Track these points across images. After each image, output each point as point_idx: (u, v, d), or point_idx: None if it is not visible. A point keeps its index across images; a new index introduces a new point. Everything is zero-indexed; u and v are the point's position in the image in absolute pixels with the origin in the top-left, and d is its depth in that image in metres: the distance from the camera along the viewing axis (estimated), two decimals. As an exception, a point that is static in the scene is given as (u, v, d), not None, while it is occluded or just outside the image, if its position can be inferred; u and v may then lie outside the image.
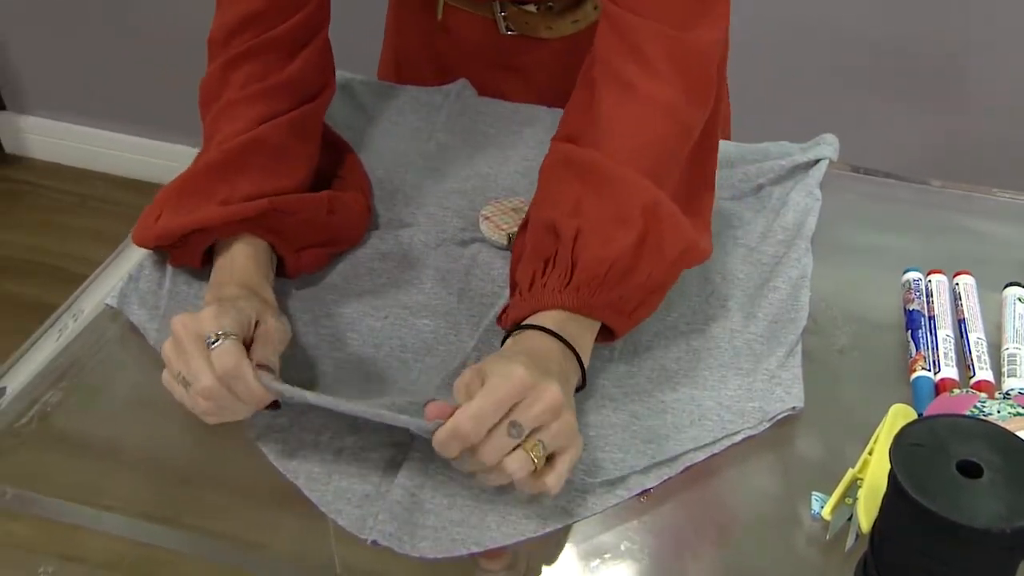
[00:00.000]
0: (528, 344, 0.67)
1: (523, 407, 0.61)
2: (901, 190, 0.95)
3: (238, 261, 0.76)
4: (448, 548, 0.63)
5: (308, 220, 0.79)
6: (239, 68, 0.81)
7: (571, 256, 0.69)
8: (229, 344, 0.64)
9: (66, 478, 0.70)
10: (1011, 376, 0.74)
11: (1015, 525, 0.52)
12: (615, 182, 0.71)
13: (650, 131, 0.73)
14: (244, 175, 0.78)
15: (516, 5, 0.97)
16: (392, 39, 1.10)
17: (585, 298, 0.68)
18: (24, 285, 2.05)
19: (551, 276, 0.70)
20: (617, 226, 0.70)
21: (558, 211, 0.71)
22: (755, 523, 0.67)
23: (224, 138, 0.79)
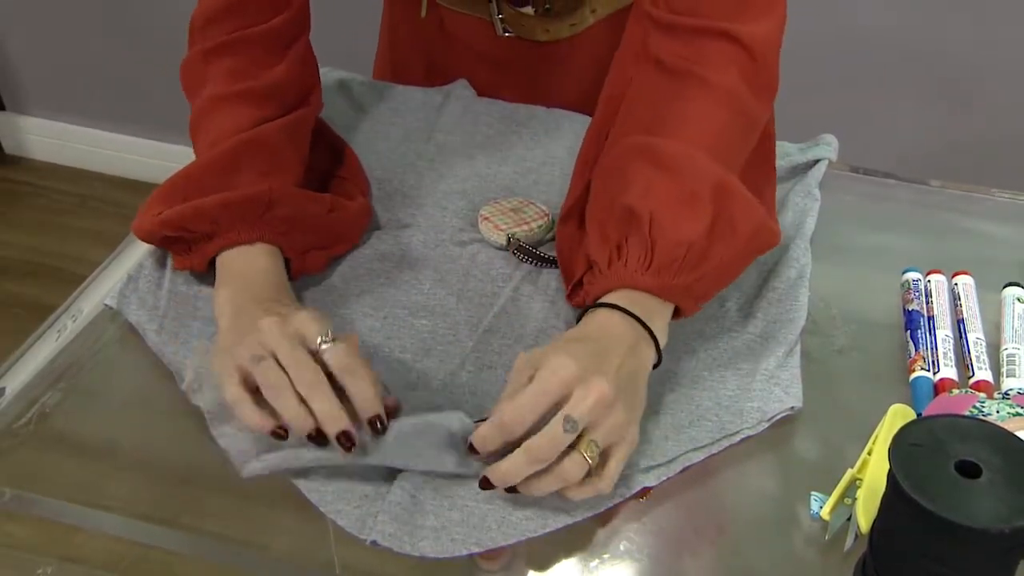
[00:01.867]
0: (599, 326, 0.68)
1: (574, 402, 0.61)
2: (900, 190, 0.95)
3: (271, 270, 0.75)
4: (448, 548, 0.63)
5: (310, 218, 0.79)
6: (221, 59, 0.82)
7: (649, 238, 0.69)
8: (341, 345, 0.65)
9: (65, 479, 0.69)
10: (1010, 376, 0.74)
11: (1014, 525, 0.52)
12: (684, 165, 0.72)
13: (714, 119, 0.74)
14: (242, 174, 0.78)
15: (513, 7, 0.97)
16: (387, 40, 1.10)
17: (666, 280, 0.69)
18: (23, 285, 2.05)
19: (631, 256, 0.70)
20: (690, 208, 0.70)
21: (630, 194, 0.71)
22: (754, 523, 0.67)
23: (217, 137, 0.79)
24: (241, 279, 0.75)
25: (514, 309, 0.79)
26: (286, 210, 0.77)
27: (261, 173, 0.79)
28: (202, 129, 0.81)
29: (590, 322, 0.69)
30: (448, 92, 1.01)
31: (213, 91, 0.81)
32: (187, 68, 0.85)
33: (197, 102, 0.83)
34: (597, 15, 0.98)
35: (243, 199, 0.76)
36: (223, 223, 0.76)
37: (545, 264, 0.83)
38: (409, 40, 1.06)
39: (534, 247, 0.83)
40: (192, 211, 0.76)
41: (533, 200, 0.88)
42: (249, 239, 0.76)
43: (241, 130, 0.79)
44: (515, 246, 0.83)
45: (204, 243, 0.77)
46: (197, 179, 0.78)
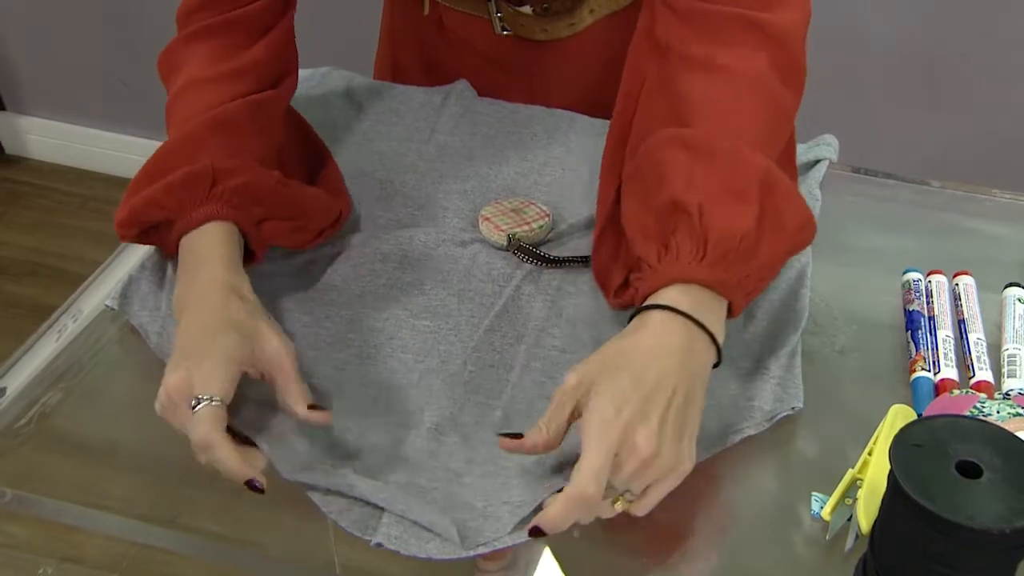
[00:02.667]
0: (652, 334, 0.64)
1: (618, 465, 0.60)
2: (901, 191, 0.95)
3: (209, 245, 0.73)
4: (456, 549, 0.63)
5: (262, 188, 0.77)
6: (201, 43, 0.82)
7: (700, 228, 0.67)
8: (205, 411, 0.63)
9: (65, 479, 0.69)
10: (1011, 377, 0.74)
11: (1014, 525, 0.52)
12: (724, 154, 0.69)
13: (745, 107, 0.72)
14: (202, 152, 0.76)
15: (511, 6, 0.97)
16: (387, 40, 1.10)
17: (721, 273, 0.66)
18: (23, 286, 2.05)
19: (682, 249, 0.67)
20: (737, 200, 0.68)
21: (671, 187, 0.69)
22: (755, 523, 0.67)
23: (185, 118, 0.79)
24: (188, 270, 0.73)
25: (515, 309, 0.79)
26: (234, 181, 0.75)
27: (224, 151, 0.77)
28: (174, 113, 0.81)
29: (642, 328, 0.65)
30: (448, 92, 1.01)
31: (189, 75, 0.81)
32: (164, 55, 0.84)
33: (172, 88, 0.82)
34: (596, 15, 0.98)
35: (185, 179, 0.74)
36: (172, 207, 0.74)
37: (546, 264, 0.83)
38: (409, 39, 1.06)
39: (535, 247, 0.83)
40: (143, 202, 0.75)
41: (534, 200, 0.88)
42: (199, 219, 0.74)
43: (210, 109, 0.78)
44: (516, 246, 0.83)
45: (167, 231, 0.76)
46: (162, 164, 0.77)
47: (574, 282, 0.82)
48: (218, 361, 0.65)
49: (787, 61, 0.74)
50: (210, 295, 0.70)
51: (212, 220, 0.74)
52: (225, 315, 0.68)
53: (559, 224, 0.87)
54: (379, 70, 1.11)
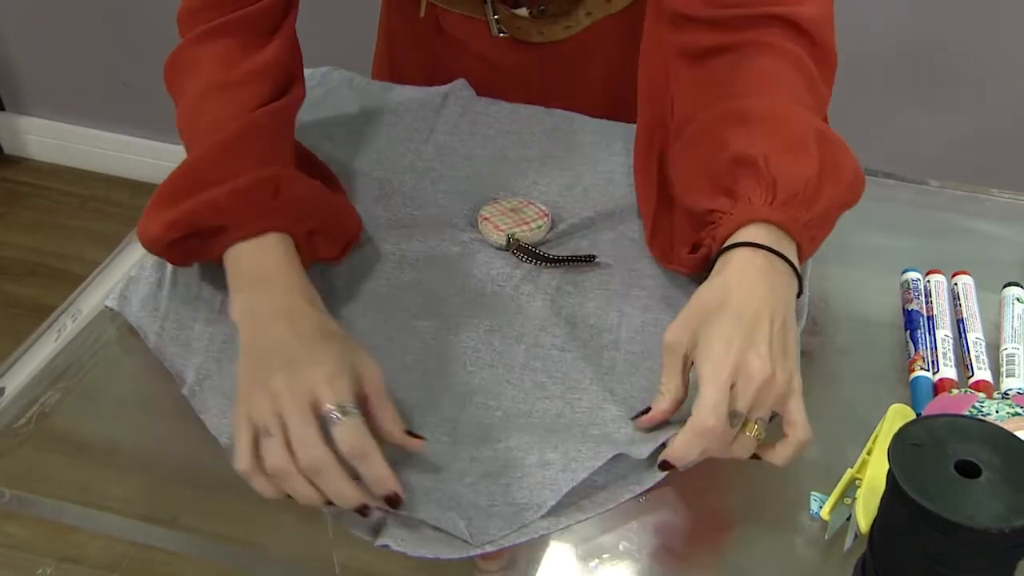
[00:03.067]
0: (738, 269, 0.68)
1: (735, 395, 0.63)
2: (900, 190, 0.95)
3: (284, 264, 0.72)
4: (462, 549, 0.63)
5: (313, 198, 0.77)
6: (210, 43, 0.81)
7: (768, 175, 0.71)
8: (354, 422, 0.62)
9: (64, 479, 0.70)
10: (1009, 376, 0.74)
11: (1013, 525, 0.52)
12: (780, 115, 0.74)
13: (788, 77, 0.77)
14: (242, 162, 0.75)
15: (508, 8, 0.97)
16: (385, 41, 1.10)
17: (791, 213, 0.70)
18: (23, 286, 2.05)
19: (753, 194, 0.71)
20: (798, 150, 0.72)
21: (733, 146, 0.73)
22: (754, 523, 0.67)
23: (213, 126, 0.77)
24: (256, 281, 0.71)
25: (514, 309, 0.79)
26: (292, 193, 0.75)
27: (261, 159, 0.76)
28: (198, 121, 0.79)
29: (727, 267, 0.69)
30: (447, 92, 1.01)
31: (206, 79, 0.79)
32: (172, 60, 0.83)
33: (187, 94, 0.81)
34: (592, 17, 0.98)
35: (251, 186, 0.73)
36: (233, 214, 0.72)
37: (545, 263, 0.83)
38: (407, 40, 1.06)
39: (534, 247, 0.83)
40: (201, 206, 0.72)
41: (533, 200, 0.88)
42: (261, 229, 0.72)
43: (238, 116, 0.77)
44: (515, 246, 0.83)
45: (214, 238, 0.73)
46: (198, 173, 0.75)
47: (573, 281, 0.82)
48: (339, 367, 0.64)
49: (819, 51, 0.79)
50: (297, 306, 0.69)
51: (274, 232, 0.73)
52: (321, 325, 0.68)
53: (558, 224, 0.87)
54: (377, 72, 1.11)
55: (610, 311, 0.79)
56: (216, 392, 0.72)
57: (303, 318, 0.68)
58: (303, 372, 0.63)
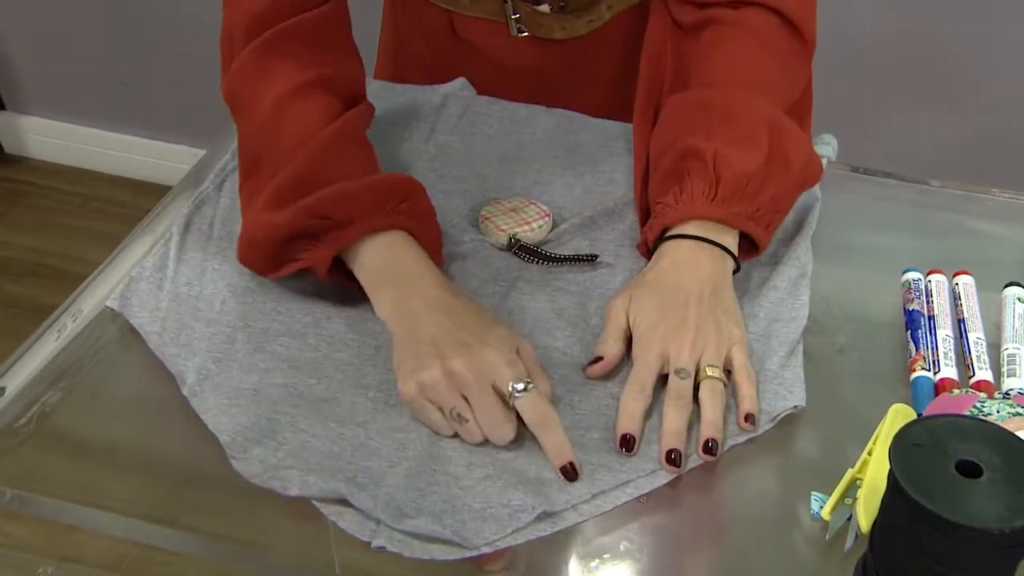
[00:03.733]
0: (668, 262, 0.75)
1: (673, 357, 0.70)
2: (901, 190, 0.95)
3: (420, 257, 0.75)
4: (458, 551, 0.63)
5: (428, 213, 0.79)
6: (280, 47, 0.80)
7: (714, 173, 0.76)
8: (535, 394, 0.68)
9: (65, 479, 0.70)
10: (1010, 376, 0.74)
11: (1014, 525, 0.52)
12: (736, 106, 0.79)
13: (757, 59, 0.82)
14: (353, 163, 0.78)
15: (529, 5, 0.97)
16: (391, 45, 1.09)
17: (729, 208, 0.75)
18: (24, 285, 2.06)
19: (695, 190, 0.76)
20: (748, 144, 0.77)
21: (692, 138, 0.78)
22: (754, 523, 0.67)
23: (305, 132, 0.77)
24: (399, 277, 0.74)
25: (515, 308, 0.79)
26: (419, 203, 0.78)
27: (365, 164, 0.79)
28: (281, 129, 0.79)
29: (659, 256, 0.76)
30: (448, 92, 1.01)
31: (283, 85, 0.79)
32: (239, 73, 0.81)
33: (263, 102, 0.79)
34: (613, 10, 0.98)
35: (384, 183, 0.75)
36: (366, 207, 0.74)
37: (546, 263, 0.83)
38: (419, 45, 1.05)
39: (535, 247, 0.83)
40: (329, 197, 0.73)
41: (534, 200, 0.88)
42: (393, 224, 0.75)
43: (326, 121, 0.78)
44: (516, 246, 0.83)
45: (338, 231, 0.74)
46: (309, 175, 0.75)
47: (575, 282, 0.82)
48: (510, 349, 0.69)
49: (799, 33, 0.84)
50: (451, 300, 0.73)
51: (403, 230, 0.76)
52: (479, 313, 0.73)
53: (559, 223, 0.87)
54: (380, 74, 1.10)
55: (611, 311, 0.79)
56: (216, 392, 0.72)
57: (461, 309, 0.72)
58: (481, 355, 0.68)
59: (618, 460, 0.68)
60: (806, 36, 0.85)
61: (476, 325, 0.71)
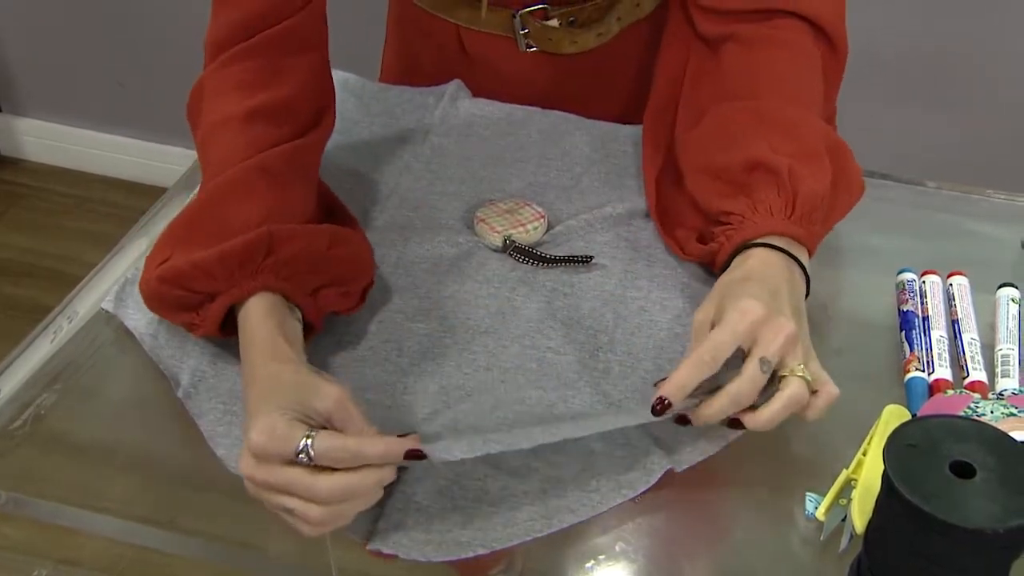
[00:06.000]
0: (760, 263, 0.73)
1: (764, 344, 0.65)
2: (896, 191, 0.96)
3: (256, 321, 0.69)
4: (454, 551, 0.63)
5: (313, 255, 0.73)
6: (228, 68, 0.79)
7: (791, 188, 0.75)
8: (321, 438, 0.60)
9: (61, 480, 0.69)
10: (1004, 376, 0.74)
11: (1008, 525, 0.52)
12: (793, 121, 0.79)
13: (802, 77, 0.82)
14: (248, 204, 0.73)
15: (538, 21, 0.96)
16: (398, 57, 1.08)
17: (807, 227, 0.75)
18: (20, 287, 2.05)
19: (773, 205, 0.75)
20: (814, 162, 0.77)
21: (754, 149, 0.77)
22: (749, 524, 0.67)
23: (220, 164, 0.75)
24: (243, 344, 0.69)
25: (510, 310, 0.79)
26: (287, 251, 0.71)
27: (263, 208, 0.73)
28: (209, 155, 0.77)
29: (748, 260, 0.73)
30: (443, 93, 1.01)
31: (222, 110, 0.77)
32: (194, 91, 0.81)
33: (202, 125, 0.79)
34: (623, 23, 0.98)
35: (242, 248, 0.70)
36: (222, 278, 0.70)
37: (541, 265, 0.83)
38: (427, 62, 1.04)
39: (530, 248, 0.84)
40: (190, 267, 0.70)
41: (529, 201, 0.88)
42: (250, 291, 0.70)
43: (248, 155, 0.75)
44: (511, 247, 0.83)
45: (208, 303, 0.71)
46: (206, 216, 0.73)
47: (569, 283, 0.82)
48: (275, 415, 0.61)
49: (833, 44, 0.84)
50: (260, 365, 0.67)
51: (261, 292, 0.70)
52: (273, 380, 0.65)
53: (554, 225, 0.87)
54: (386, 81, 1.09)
55: (605, 313, 0.79)
56: (211, 395, 0.72)
57: (260, 380, 0.65)
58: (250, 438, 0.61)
59: (618, 460, 0.68)
60: (838, 46, 0.85)
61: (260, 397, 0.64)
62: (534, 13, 0.96)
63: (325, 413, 0.63)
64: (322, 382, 0.64)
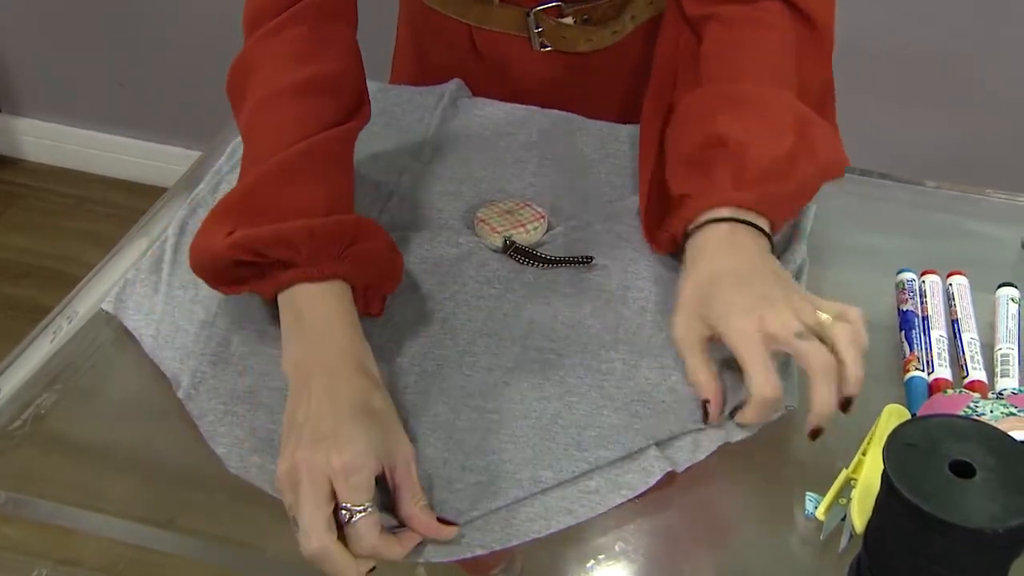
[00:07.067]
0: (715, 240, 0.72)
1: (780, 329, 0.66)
2: (895, 191, 0.96)
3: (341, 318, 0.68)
4: (454, 551, 0.63)
5: (379, 255, 0.73)
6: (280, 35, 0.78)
7: (740, 156, 0.74)
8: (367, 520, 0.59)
9: (60, 481, 0.69)
10: (1004, 376, 0.74)
11: (1008, 525, 0.52)
12: (764, 101, 0.78)
13: (784, 58, 0.81)
14: (311, 188, 0.72)
15: (553, 19, 0.96)
16: (410, 58, 1.08)
17: (760, 191, 0.73)
18: (19, 287, 2.05)
19: (723, 176, 0.74)
20: (773, 131, 0.76)
21: (714, 126, 0.76)
22: (749, 524, 0.67)
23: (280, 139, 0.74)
24: (311, 333, 0.68)
25: (511, 311, 0.79)
26: (369, 245, 0.72)
27: (328, 190, 0.73)
28: (262, 130, 0.76)
29: (704, 246, 0.73)
30: (443, 92, 1.01)
31: (271, 83, 0.76)
32: (237, 64, 0.79)
33: (251, 97, 0.77)
34: (637, 20, 0.97)
35: (332, 229, 0.69)
36: (305, 253, 0.69)
37: (542, 265, 0.83)
38: (440, 63, 1.03)
39: (531, 249, 0.83)
40: (271, 235, 0.69)
41: (529, 202, 0.88)
42: (330, 274, 0.69)
43: (298, 134, 0.74)
44: (512, 248, 0.83)
45: (279, 272, 0.70)
46: (262, 196, 0.72)
47: (570, 283, 0.82)
48: (363, 454, 0.60)
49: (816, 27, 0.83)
50: (344, 369, 0.65)
51: (339, 279, 0.70)
52: (363, 399, 0.64)
53: (555, 226, 0.87)
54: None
55: (607, 313, 0.79)
56: (212, 395, 0.72)
57: (349, 387, 0.65)
58: (326, 455, 0.60)
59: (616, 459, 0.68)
60: (821, 27, 0.84)
61: (347, 415, 0.62)
62: (548, 11, 0.96)
63: (392, 465, 0.62)
64: (402, 430, 0.65)
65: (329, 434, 0.61)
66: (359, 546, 0.59)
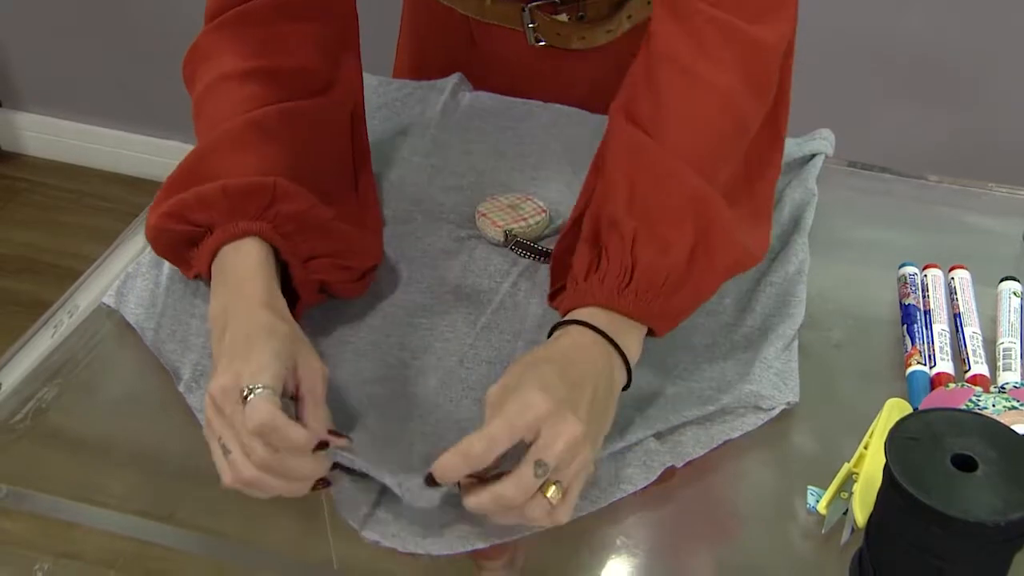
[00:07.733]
0: (573, 345, 0.65)
1: (544, 444, 0.58)
2: (897, 185, 0.96)
3: (251, 265, 0.69)
4: (454, 545, 0.63)
5: (315, 220, 0.73)
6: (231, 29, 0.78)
7: (631, 258, 0.68)
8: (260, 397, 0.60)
9: (61, 475, 0.69)
10: (1006, 370, 0.74)
11: (1009, 518, 0.52)
12: (670, 177, 0.69)
13: (706, 121, 0.71)
14: (244, 154, 0.73)
15: (547, 15, 0.96)
16: (411, 51, 1.08)
17: (643, 305, 0.67)
18: (20, 282, 2.05)
19: (609, 273, 0.68)
20: (671, 230, 0.68)
21: (615, 203, 0.69)
22: (751, 517, 0.67)
23: (221, 114, 0.75)
24: (224, 285, 0.69)
25: (512, 305, 0.79)
26: (289, 207, 0.72)
27: (263, 160, 0.73)
28: (202, 115, 0.76)
29: (564, 339, 0.66)
30: (444, 87, 1.01)
31: (218, 69, 0.77)
32: (190, 52, 0.79)
33: (200, 81, 0.78)
34: (633, 20, 0.97)
35: (246, 188, 0.71)
36: (222, 211, 0.70)
37: (543, 259, 0.83)
38: (438, 54, 1.04)
39: (532, 243, 0.83)
40: (193, 198, 0.71)
41: (531, 195, 0.88)
42: (246, 231, 0.70)
43: (244, 110, 0.74)
44: (512, 242, 0.83)
45: (207, 239, 0.71)
46: (195, 167, 0.73)
47: (570, 277, 0.82)
48: (266, 355, 0.62)
49: (759, 73, 0.73)
50: (253, 312, 0.66)
51: (255, 237, 0.70)
52: (270, 325, 0.65)
53: (556, 219, 0.87)
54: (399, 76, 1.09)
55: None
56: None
57: (256, 322, 0.65)
58: (236, 371, 0.61)
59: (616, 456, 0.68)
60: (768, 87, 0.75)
61: (254, 337, 0.64)
62: (543, 7, 0.95)
63: (299, 378, 0.63)
64: (314, 352, 0.65)
65: (237, 355, 0.63)
66: (251, 421, 0.59)
